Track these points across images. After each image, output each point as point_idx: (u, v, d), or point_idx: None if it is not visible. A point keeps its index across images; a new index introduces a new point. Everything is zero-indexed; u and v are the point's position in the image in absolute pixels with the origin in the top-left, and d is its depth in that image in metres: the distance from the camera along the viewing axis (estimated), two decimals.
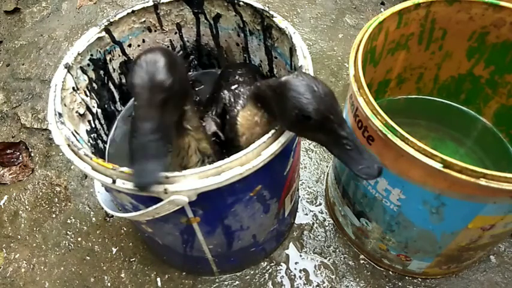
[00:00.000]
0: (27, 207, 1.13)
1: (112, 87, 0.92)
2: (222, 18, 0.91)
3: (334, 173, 0.97)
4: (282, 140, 0.63)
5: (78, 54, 0.78)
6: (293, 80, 0.59)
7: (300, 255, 1.01)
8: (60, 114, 0.68)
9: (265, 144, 0.62)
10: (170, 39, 0.96)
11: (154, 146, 0.54)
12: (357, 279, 0.97)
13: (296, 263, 1.00)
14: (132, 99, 0.97)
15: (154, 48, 0.60)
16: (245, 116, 0.72)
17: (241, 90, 0.88)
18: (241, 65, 0.98)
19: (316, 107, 0.57)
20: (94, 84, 0.85)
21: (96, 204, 1.11)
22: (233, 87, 0.88)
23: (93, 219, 1.09)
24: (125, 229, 1.06)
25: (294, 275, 0.98)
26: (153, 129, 0.55)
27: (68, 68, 0.75)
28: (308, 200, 1.10)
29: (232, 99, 0.86)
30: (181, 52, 1.00)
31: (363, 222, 0.89)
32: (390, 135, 0.64)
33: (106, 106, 0.91)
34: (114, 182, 0.60)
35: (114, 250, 1.04)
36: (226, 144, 0.82)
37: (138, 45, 0.93)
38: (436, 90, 1.06)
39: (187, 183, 0.59)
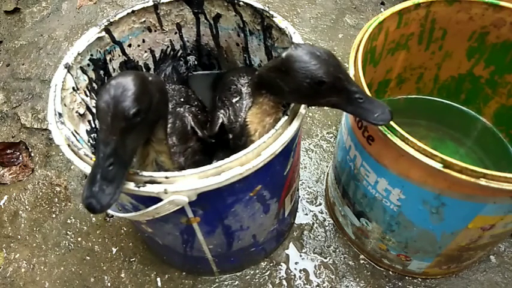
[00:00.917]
0: (27, 207, 1.13)
1: None
2: (222, 18, 0.91)
3: (334, 173, 0.97)
4: (282, 140, 0.63)
5: (78, 54, 0.78)
6: (295, 52, 0.60)
7: (300, 255, 1.01)
8: (60, 114, 0.68)
9: (265, 144, 0.62)
10: (170, 39, 0.96)
11: (112, 171, 0.54)
12: (357, 279, 0.97)
13: (296, 263, 1.00)
14: None
15: (127, 73, 0.58)
16: (254, 113, 0.72)
17: (244, 103, 0.83)
18: (244, 71, 0.92)
19: (326, 70, 0.58)
20: (94, 84, 0.85)
21: None
22: (234, 100, 0.84)
23: (93, 219, 1.09)
24: (124, 229, 1.06)
25: (294, 275, 0.98)
26: (111, 154, 0.54)
27: (68, 68, 0.75)
28: (308, 200, 1.10)
29: (232, 118, 0.82)
30: (180, 52, 1.00)
31: (363, 222, 0.89)
32: (390, 135, 0.64)
33: None
34: None
35: (114, 250, 1.04)
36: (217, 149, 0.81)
37: (138, 45, 0.93)
38: (436, 90, 1.06)
39: (187, 183, 0.59)
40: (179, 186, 0.59)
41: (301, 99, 0.64)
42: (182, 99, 0.87)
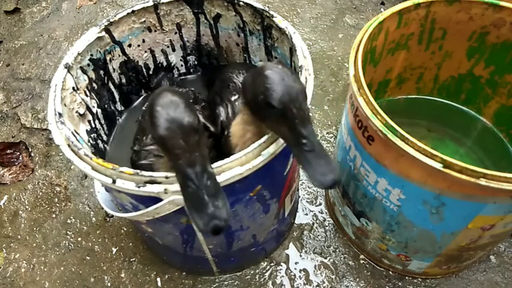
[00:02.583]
0: (27, 207, 1.13)
1: (112, 87, 0.92)
2: (222, 18, 0.91)
3: None
4: (281, 140, 0.63)
5: (78, 54, 0.78)
6: (268, 66, 0.59)
7: (300, 255, 1.01)
8: (60, 114, 0.68)
9: (265, 144, 0.62)
10: (170, 39, 0.96)
11: (211, 186, 0.54)
12: (357, 279, 0.97)
13: (296, 263, 1.00)
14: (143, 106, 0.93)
15: (162, 93, 0.58)
16: (237, 123, 0.71)
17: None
18: (244, 67, 0.91)
19: (279, 96, 0.56)
20: (94, 84, 0.85)
21: (96, 204, 1.11)
22: (233, 99, 0.83)
23: (93, 219, 1.09)
24: (124, 229, 1.06)
25: (294, 275, 0.98)
26: (203, 171, 0.54)
27: (68, 68, 0.75)
28: (308, 200, 1.10)
29: (230, 115, 0.81)
30: (173, 63, 1.00)
31: (363, 222, 0.89)
32: (390, 135, 0.64)
33: (106, 106, 0.91)
34: (114, 182, 0.60)
35: (114, 250, 1.04)
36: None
37: (138, 45, 0.93)
38: (436, 90, 1.06)
39: None
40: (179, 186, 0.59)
41: (255, 112, 0.63)
42: (191, 101, 0.88)
